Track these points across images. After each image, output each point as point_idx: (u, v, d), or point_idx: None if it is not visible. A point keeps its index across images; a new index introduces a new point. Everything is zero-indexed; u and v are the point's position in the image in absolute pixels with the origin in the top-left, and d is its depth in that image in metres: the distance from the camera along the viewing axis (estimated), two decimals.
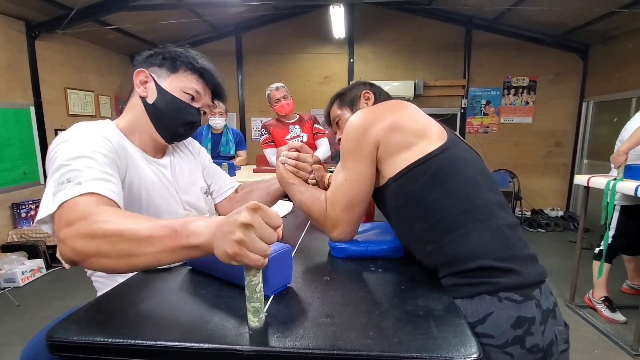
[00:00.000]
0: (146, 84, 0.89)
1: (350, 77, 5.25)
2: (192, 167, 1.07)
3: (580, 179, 2.39)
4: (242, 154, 3.22)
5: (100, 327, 0.54)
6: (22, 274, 3.00)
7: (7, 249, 3.29)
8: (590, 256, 2.54)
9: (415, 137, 0.75)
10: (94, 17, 3.74)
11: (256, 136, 5.46)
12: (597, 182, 2.24)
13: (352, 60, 5.24)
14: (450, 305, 0.62)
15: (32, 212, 3.49)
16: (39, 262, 3.23)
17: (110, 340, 0.50)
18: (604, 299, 2.41)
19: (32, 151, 3.61)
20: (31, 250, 3.30)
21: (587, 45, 4.78)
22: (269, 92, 2.73)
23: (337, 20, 4.08)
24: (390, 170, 0.77)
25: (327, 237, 0.88)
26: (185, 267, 0.78)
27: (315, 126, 2.83)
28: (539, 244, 4.03)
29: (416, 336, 0.51)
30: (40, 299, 2.78)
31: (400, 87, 4.85)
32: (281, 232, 0.50)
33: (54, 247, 3.33)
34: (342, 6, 3.79)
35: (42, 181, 3.72)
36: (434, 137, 0.76)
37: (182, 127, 0.92)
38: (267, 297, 0.63)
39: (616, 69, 4.31)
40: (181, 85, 0.89)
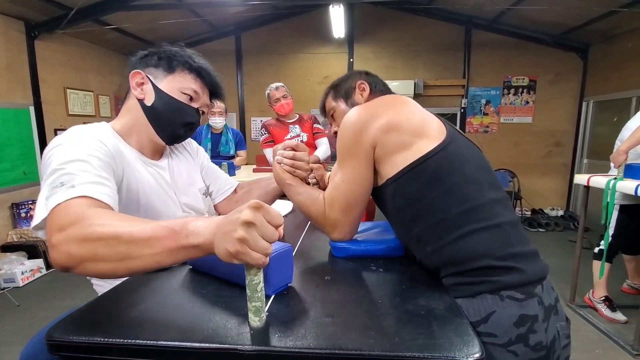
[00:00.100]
0: (143, 86, 0.87)
1: None
2: (190, 168, 1.05)
3: (580, 179, 2.39)
4: (242, 153, 3.22)
5: (100, 327, 0.54)
6: (22, 274, 3.00)
7: (7, 249, 3.29)
8: (590, 256, 2.54)
9: (412, 136, 0.73)
10: (94, 17, 3.74)
11: (256, 136, 5.46)
12: (597, 181, 2.23)
13: (352, 60, 5.24)
14: (451, 304, 0.62)
15: (32, 212, 3.48)
16: (39, 262, 3.23)
17: (110, 340, 0.50)
18: (604, 298, 2.41)
19: (32, 151, 3.61)
20: (31, 250, 3.30)
21: (587, 44, 4.78)
22: (268, 91, 2.73)
23: (337, 19, 4.08)
24: (388, 171, 0.75)
25: (328, 237, 0.87)
26: (185, 267, 0.78)
27: (315, 126, 2.83)
28: (539, 243, 4.03)
29: (418, 336, 0.51)
30: (40, 299, 2.78)
31: (400, 87, 4.85)
32: (282, 230, 0.50)
33: None
34: (341, 6, 3.79)
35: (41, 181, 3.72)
36: (432, 135, 0.74)
37: (182, 129, 0.91)
38: (268, 297, 0.63)
39: (616, 69, 4.31)
40: (179, 85, 0.87)
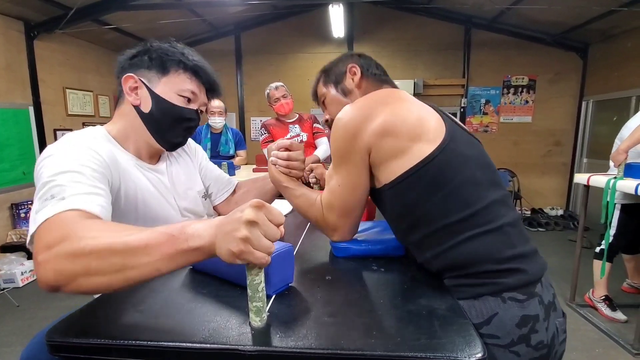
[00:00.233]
0: (137, 90, 0.82)
1: None
2: (189, 170, 1.02)
3: (580, 178, 2.39)
4: (242, 153, 3.22)
5: (100, 327, 0.53)
6: (22, 274, 2.99)
7: (7, 249, 3.28)
8: (590, 255, 2.54)
9: (409, 140, 0.70)
10: (93, 17, 3.74)
11: (256, 136, 5.45)
12: (597, 180, 2.23)
13: None
14: (453, 304, 0.61)
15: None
16: None
17: (110, 340, 0.50)
18: (604, 297, 2.40)
19: (31, 151, 3.60)
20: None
21: (586, 44, 4.78)
22: (268, 91, 2.72)
23: (337, 19, 4.08)
24: (384, 176, 0.73)
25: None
26: (185, 267, 0.77)
27: (315, 125, 2.83)
28: (539, 243, 4.00)
29: (419, 336, 0.51)
30: (39, 299, 2.77)
31: (400, 87, 4.67)
32: (283, 229, 0.50)
33: None
34: (341, 5, 3.79)
35: None
36: (429, 137, 0.70)
37: (182, 134, 0.88)
38: (269, 297, 0.63)
39: (616, 68, 4.31)
40: (176, 88, 0.82)
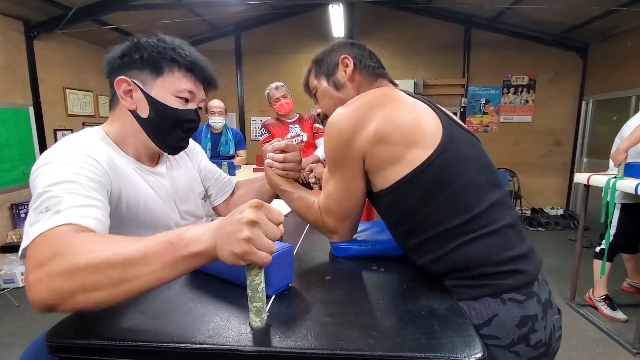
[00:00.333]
0: (131, 94, 0.78)
1: None
2: (189, 172, 1.01)
3: (580, 177, 2.39)
4: (242, 153, 3.22)
5: (100, 328, 0.54)
6: (22, 274, 2.99)
7: (7, 249, 3.28)
8: (590, 255, 2.54)
9: (404, 147, 0.67)
10: (93, 17, 3.74)
11: (256, 136, 5.45)
12: (598, 180, 2.23)
13: None
14: (453, 305, 0.61)
15: None
16: None
17: (110, 341, 0.50)
18: (604, 297, 2.40)
19: (31, 151, 3.60)
20: None
21: (586, 43, 4.77)
22: (268, 91, 2.72)
23: (337, 19, 4.08)
24: (380, 183, 0.72)
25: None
26: None
27: (315, 125, 2.83)
28: (539, 242, 4.03)
29: (419, 336, 0.51)
30: None
31: (400, 87, 4.85)
32: (283, 228, 0.50)
33: None
34: (341, 5, 3.78)
35: None
36: (426, 141, 0.68)
37: (184, 137, 0.86)
38: (269, 297, 0.63)
39: (616, 68, 4.31)
40: (172, 89, 0.78)
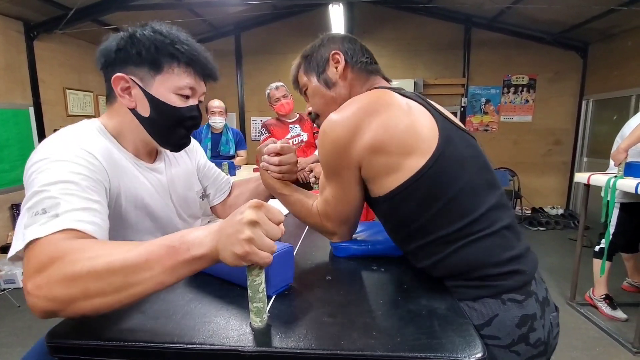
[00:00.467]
0: (130, 91, 0.75)
1: None
2: (187, 170, 0.99)
3: (580, 177, 2.39)
4: (242, 153, 3.23)
5: (101, 329, 0.54)
6: (22, 275, 2.99)
7: (7, 249, 3.27)
8: (590, 254, 2.54)
9: (400, 156, 0.66)
10: (93, 17, 3.74)
11: (256, 136, 5.46)
12: (598, 179, 2.23)
13: None
14: (453, 304, 0.62)
15: None
16: None
17: (111, 341, 0.50)
18: (604, 296, 2.41)
19: (31, 152, 3.59)
20: None
21: (586, 43, 4.77)
22: (268, 91, 2.72)
23: (337, 19, 4.07)
24: (377, 190, 0.71)
25: None
26: None
27: (315, 125, 2.83)
28: (539, 242, 4.03)
29: (420, 336, 0.51)
30: None
31: (399, 87, 4.85)
32: (283, 227, 0.50)
33: None
34: (341, 5, 3.78)
35: None
36: (422, 148, 0.66)
37: (186, 133, 0.84)
38: (269, 297, 0.63)
39: (616, 67, 4.30)
40: (173, 86, 0.76)
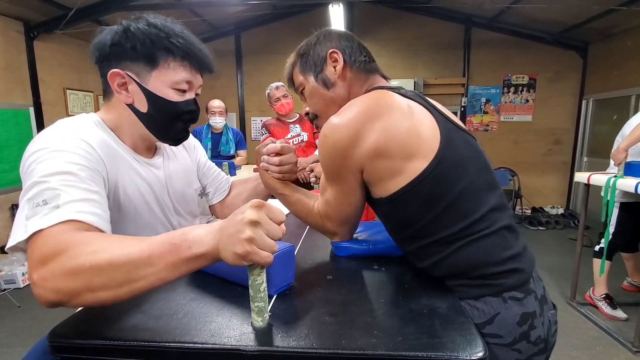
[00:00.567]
0: (126, 86, 0.76)
1: None
2: (186, 167, 0.99)
3: (580, 177, 2.39)
4: (242, 153, 3.23)
5: (102, 328, 0.54)
6: (23, 275, 2.99)
7: None
8: (590, 253, 2.54)
9: (402, 160, 0.66)
10: (93, 17, 3.74)
11: (256, 136, 5.46)
12: (598, 179, 2.23)
13: None
14: (454, 303, 0.62)
15: None
16: None
17: (112, 341, 0.50)
18: (604, 296, 2.41)
19: None
20: None
21: (586, 43, 4.77)
22: (268, 91, 2.72)
23: (337, 19, 4.08)
24: (379, 192, 0.71)
25: None
26: None
27: None
28: (539, 241, 4.03)
29: (421, 335, 0.51)
30: None
31: (398, 86, 4.84)
32: (284, 227, 0.50)
33: None
34: (341, 5, 3.78)
35: None
36: (424, 150, 0.66)
37: (185, 127, 0.84)
38: (271, 297, 0.63)
39: (616, 67, 4.30)
40: (169, 81, 0.75)
